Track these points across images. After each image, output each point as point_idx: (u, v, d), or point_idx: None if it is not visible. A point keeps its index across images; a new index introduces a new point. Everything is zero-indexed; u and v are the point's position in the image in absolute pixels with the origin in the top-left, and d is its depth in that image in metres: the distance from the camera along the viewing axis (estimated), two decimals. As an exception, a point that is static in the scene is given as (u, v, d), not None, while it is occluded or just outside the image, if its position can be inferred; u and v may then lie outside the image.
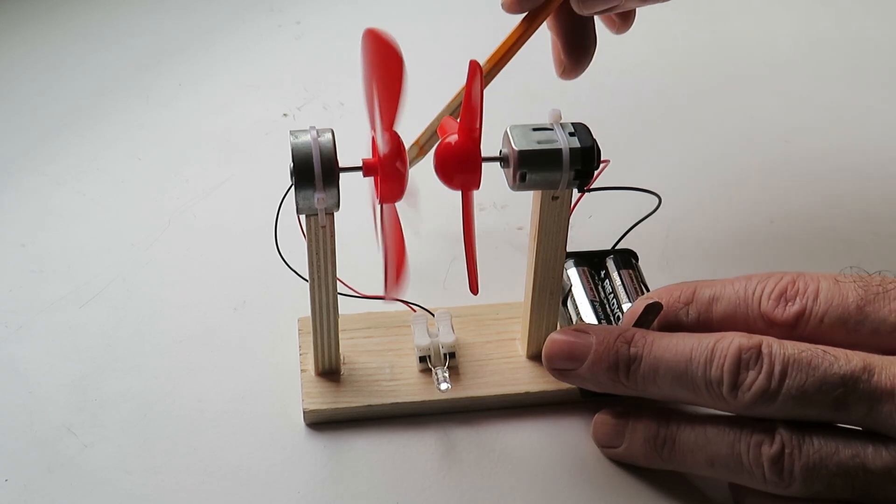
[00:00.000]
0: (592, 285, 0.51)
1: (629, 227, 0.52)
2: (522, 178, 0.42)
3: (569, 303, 0.50)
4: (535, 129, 0.43)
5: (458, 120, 0.42)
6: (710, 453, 0.42)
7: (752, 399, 0.40)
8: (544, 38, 0.53)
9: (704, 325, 0.44)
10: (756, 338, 0.41)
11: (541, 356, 0.46)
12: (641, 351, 0.43)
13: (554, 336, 0.45)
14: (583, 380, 0.45)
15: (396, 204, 0.42)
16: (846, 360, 0.40)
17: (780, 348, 0.40)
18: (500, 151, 0.43)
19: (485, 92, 0.40)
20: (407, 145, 0.42)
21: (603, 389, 0.44)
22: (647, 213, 0.51)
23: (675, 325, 0.45)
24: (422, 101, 0.41)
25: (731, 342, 0.41)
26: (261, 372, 0.49)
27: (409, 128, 0.46)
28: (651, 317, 0.45)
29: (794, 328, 0.42)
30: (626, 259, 0.51)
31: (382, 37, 0.39)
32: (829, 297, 0.42)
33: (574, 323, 0.49)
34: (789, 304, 0.43)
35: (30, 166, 0.62)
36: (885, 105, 0.70)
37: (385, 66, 0.39)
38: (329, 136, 0.41)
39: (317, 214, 0.42)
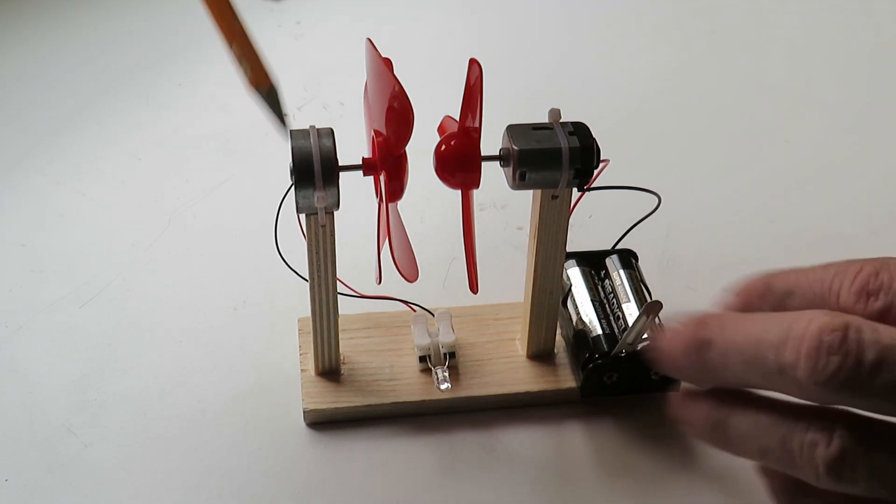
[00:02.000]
0: (592, 285, 0.51)
1: (629, 227, 0.52)
2: (522, 177, 0.42)
3: (569, 303, 0.50)
4: (534, 129, 0.43)
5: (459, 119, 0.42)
6: (761, 444, 0.37)
7: (833, 390, 0.34)
8: (546, 38, 0.53)
9: None
10: (842, 317, 0.35)
11: (541, 356, 0.45)
12: (714, 335, 0.38)
13: (666, 334, 0.40)
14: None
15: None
16: None
17: (873, 334, 0.34)
18: (500, 150, 0.43)
19: (484, 91, 0.40)
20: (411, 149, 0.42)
21: (678, 376, 0.41)
22: (647, 213, 0.51)
23: None
24: (421, 101, 0.41)
25: (809, 322, 0.35)
26: (261, 372, 0.49)
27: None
28: (651, 315, 0.44)
29: None
30: (626, 259, 0.51)
31: (374, 51, 0.40)
32: None
33: (574, 323, 0.49)
34: (871, 298, 0.37)
35: (30, 166, 0.62)
36: (885, 104, 0.70)
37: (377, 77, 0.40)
38: (329, 134, 0.41)
39: (317, 214, 0.42)
